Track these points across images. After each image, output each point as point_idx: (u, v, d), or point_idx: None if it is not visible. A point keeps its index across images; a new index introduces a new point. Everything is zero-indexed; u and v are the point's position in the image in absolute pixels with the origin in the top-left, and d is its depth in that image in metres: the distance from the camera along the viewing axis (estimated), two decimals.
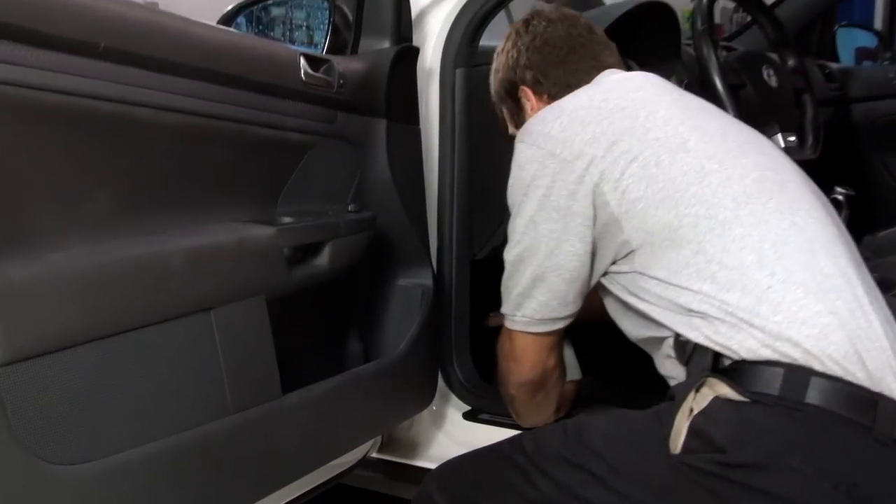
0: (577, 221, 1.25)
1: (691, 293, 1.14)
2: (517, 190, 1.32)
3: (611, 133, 1.24)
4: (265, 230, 1.26)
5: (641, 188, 1.19)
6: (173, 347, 1.11)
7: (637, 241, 1.20)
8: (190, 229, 1.19)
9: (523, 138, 1.33)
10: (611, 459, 1.13)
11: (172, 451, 1.11)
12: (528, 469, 1.20)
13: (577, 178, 1.24)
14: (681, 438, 1.08)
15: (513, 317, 1.36)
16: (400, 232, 1.62)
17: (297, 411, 1.31)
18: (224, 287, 1.19)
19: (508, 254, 1.34)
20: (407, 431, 1.88)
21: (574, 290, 1.30)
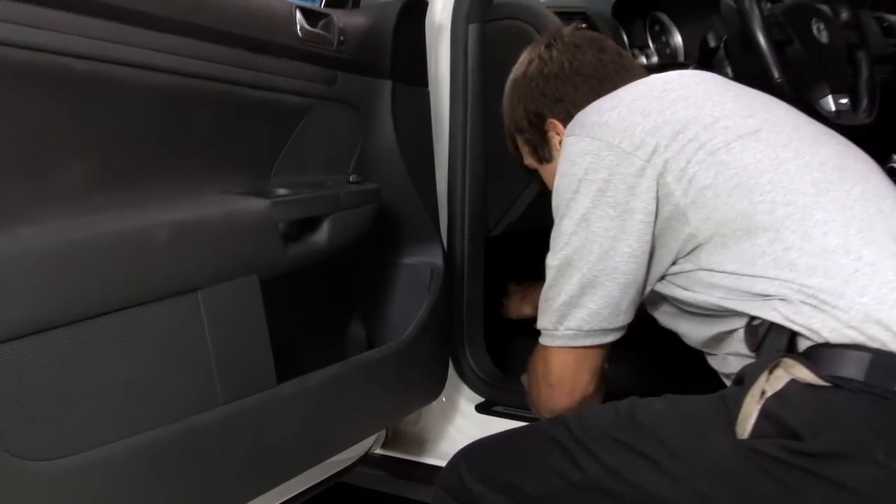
0: (635, 219, 1.26)
1: (767, 280, 1.16)
2: (566, 187, 1.31)
3: (675, 122, 1.26)
4: (258, 203, 1.26)
5: (710, 175, 1.21)
6: (157, 332, 1.11)
7: (705, 234, 1.22)
8: (174, 202, 1.18)
9: (574, 131, 1.33)
10: (668, 442, 1.13)
11: (156, 445, 1.11)
12: (573, 448, 1.19)
13: (637, 171, 1.25)
14: (750, 422, 1.08)
15: (553, 332, 1.34)
16: (406, 205, 1.62)
17: (293, 402, 1.31)
18: (213, 265, 1.18)
19: (553, 258, 1.33)
20: (414, 425, 1.88)
21: (628, 297, 1.30)
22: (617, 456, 1.16)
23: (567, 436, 1.21)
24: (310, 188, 1.39)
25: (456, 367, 1.83)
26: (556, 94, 1.50)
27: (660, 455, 1.12)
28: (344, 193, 1.40)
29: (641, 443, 1.14)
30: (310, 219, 1.35)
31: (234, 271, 1.21)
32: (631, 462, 1.14)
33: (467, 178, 1.79)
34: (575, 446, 1.20)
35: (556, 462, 1.20)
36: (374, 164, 1.55)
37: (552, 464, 1.21)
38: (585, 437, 1.19)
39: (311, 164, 1.45)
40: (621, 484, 1.14)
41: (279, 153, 1.40)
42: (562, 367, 1.34)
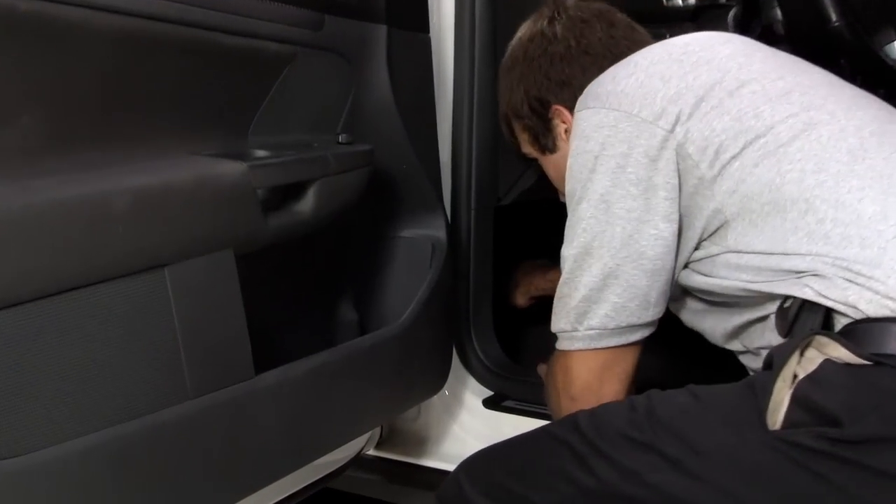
0: (659, 196, 1.27)
1: (800, 256, 1.18)
2: (582, 167, 1.32)
3: (697, 87, 1.28)
4: (233, 166, 1.25)
5: (738, 144, 1.24)
6: (117, 315, 1.11)
7: (732, 209, 1.24)
8: (137, 165, 1.18)
9: (587, 103, 1.35)
10: (690, 438, 1.14)
11: (117, 445, 1.11)
12: (584, 452, 1.21)
13: (659, 142, 1.27)
14: (782, 410, 1.09)
15: (572, 333, 1.35)
16: (404, 169, 1.62)
17: (273, 396, 1.31)
18: (181, 238, 1.18)
19: (568, 249, 1.34)
20: (412, 423, 1.89)
21: (657, 286, 1.31)
22: (633, 457, 1.16)
23: (578, 438, 1.22)
24: (293, 149, 1.38)
25: (461, 356, 1.83)
26: (561, 77, 1.52)
27: (681, 453, 1.13)
28: (332, 156, 1.40)
29: (660, 441, 1.15)
30: (293, 185, 1.35)
31: (205, 245, 1.20)
32: (649, 463, 1.15)
33: (474, 139, 1.80)
34: (587, 449, 1.21)
35: (567, 467, 1.22)
36: (367, 121, 1.55)
37: (562, 470, 1.22)
38: (598, 439, 1.20)
39: (295, 122, 1.45)
40: (639, 487, 1.15)
41: (257, 109, 1.39)
42: (586, 375, 1.35)
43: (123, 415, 1.11)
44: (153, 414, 1.14)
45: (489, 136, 1.80)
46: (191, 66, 1.27)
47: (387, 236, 1.68)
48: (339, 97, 1.53)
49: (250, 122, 1.39)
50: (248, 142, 1.39)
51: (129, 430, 1.12)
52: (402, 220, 1.67)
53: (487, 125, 1.79)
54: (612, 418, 1.22)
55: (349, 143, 1.46)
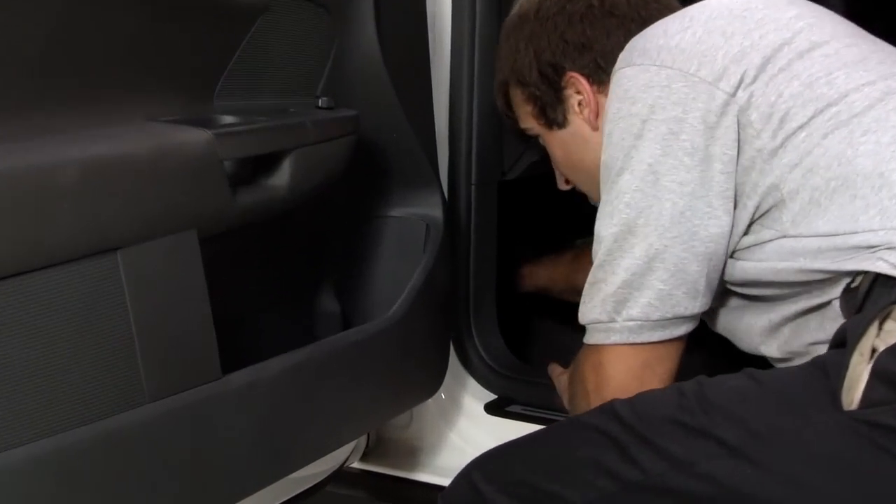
0: (715, 168, 1.29)
1: (872, 232, 1.19)
2: (625, 132, 1.33)
3: (764, 47, 1.30)
4: (196, 134, 1.25)
5: (808, 113, 1.25)
6: (61, 306, 1.10)
7: (790, 185, 1.25)
8: (85, 132, 1.17)
9: (632, 59, 1.36)
10: (751, 421, 1.14)
11: (61, 456, 1.11)
12: (626, 441, 1.20)
13: (720, 106, 1.28)
14: (859, 388, 1.09)
15: (608, 325, 1.35)
16: (395, 139, 1.62)
17: (243, 400, 1.31)
18: (137, 217, 1.18)
19: (606, 226, 1.34)
20: (403, 431, 1.90)
21: (707, 273, 1.31)
22: (684, 444, 1.16)
23: (618, 426, 1.21)
24: (265, 115, 1.38)
25: (459, 354, 1.84)
26: (581, 40, 1.53)
27: (741, 438, 1.13)
28: (311, 122, 1.40)
29: (716, 426, 1.15)
30: (265, 156, 1.35)
31: (165, 225, 1.20)
32: (703, 450, 1.15)
33: (475, 104, 1.80)
34: (629, 438, 1.20)
35: (606, 460, 1.21)
36: (351, 83, 1.54)
37: (600, 462, 1.21)
38: (642, 426, 1.20)
39: (268, 84, 1.45)
40: (692, 478, 1.15)
41: (224, 69, 1.39)
42: (623, 375, 1.35)
43: (70, 421, 1.11)
44: (104, 420, 1.14)
45: (492, 100, 1.79)
46: (147, 17, 1.26)
47: (374, 216, 1.68)
48: (319, 55, 1.52)
49: (216, 83, 1.38)
50: (214, 106, 1.38)
51: (77, 438, 1.11)
52: (391, 197, 1.67)
53: (490, 88, 1.78)
54: (657, 403, 1.22)
55: (330, 107, 1.46)
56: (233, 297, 1.31)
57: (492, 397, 1.85)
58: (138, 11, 1.24)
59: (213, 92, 1.38)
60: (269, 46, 1.42)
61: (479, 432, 1.83)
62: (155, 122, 1.27)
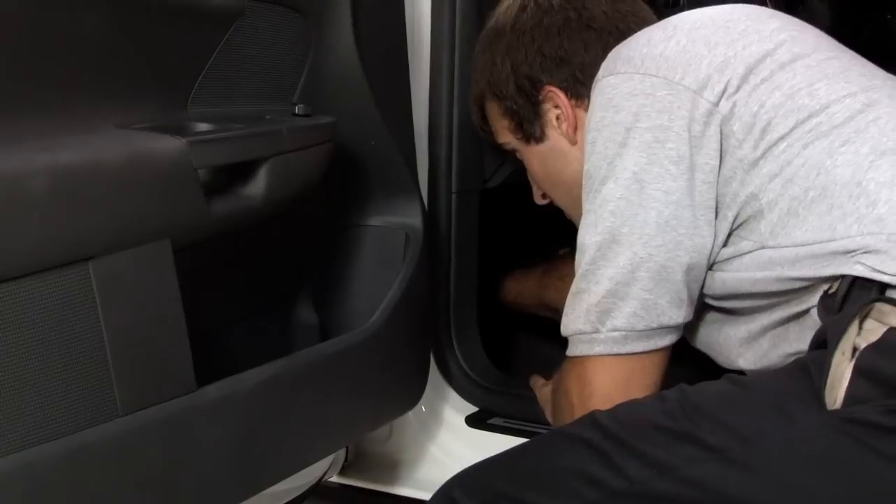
0: (699, 178, 1.30)
1: (849, 238, 1.21)
2: (609, 140, 1.34)
3: (747, 57, 1.32)
4: (170, 142, 1.24)
5: (789, 124, 1.27)
6: (31, 318, 1.10)
7: (769, 195, 1.26)
8: (55, 140, 1.16)
9: (615, 68, 1.38)
10: (736, 425, 1.15)
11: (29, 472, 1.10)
12: (609, 448, 1.20)
13: (703, 115, 1.30)
14: (842, 386, 1.10)
15: (592, 335, 1.35)
16: (373, 146, 1.61)
17: (218, 413, 1.31)
18: (108, 227, 1.17)
19: (590, 235, 1.35)
20: (382, 444, 1.89)
21: (690, 283, 1.32)
22: (668, 449, 1.17)
23: (599, 435, 1.22)
24: (241, 122, 1.38)
25: (439, 366, 1.84)
26: (559, 54, 1.54)
27: (727, 442, 1.14)
28: (287, 130, 1.39)
29: (700, 429, 1.16)
30: (241, 164, 1.34)
31: (137, 235, 1.20)
32: (688, 455, 1.15)
33: (455, 111, 1.80)
34: (612, 445, 1.20)
35: (589, 469, 1.21)
36: (328, 90, 1.55)
37: (582, 471, 1.21)
38: (624, 433, 1.20)
39: (243, 90, 1.45)
40: (677, 484, 1.15)
41: (198, 75, 1.39)
42: (609, 387, 1.35)
43: (39, 436, 1.10)
44: (75, 434, 1.13)
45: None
46: (120, 21, 1.25)
47: (353, 225, 1.68)
48: (296, 60, 1.52)
49: (190, 89, 1.38)
50: (188, 113, 1.38)
51: (46, 453, 1.11)
52: (370, 205, 1.67)
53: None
54: (638, 411, 1.23)
55: (307, 114, 1.46)
56: (208, 308, 1.31)
57: (473, 410, 1.85)
58: (109, 16, 1.24)
59: (187, 98, 1.38)
60: (244, 52, 1.42)
61: (461, 445, 1.83)
62: (128, 129, 1.26)
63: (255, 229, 1.40)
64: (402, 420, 1.84)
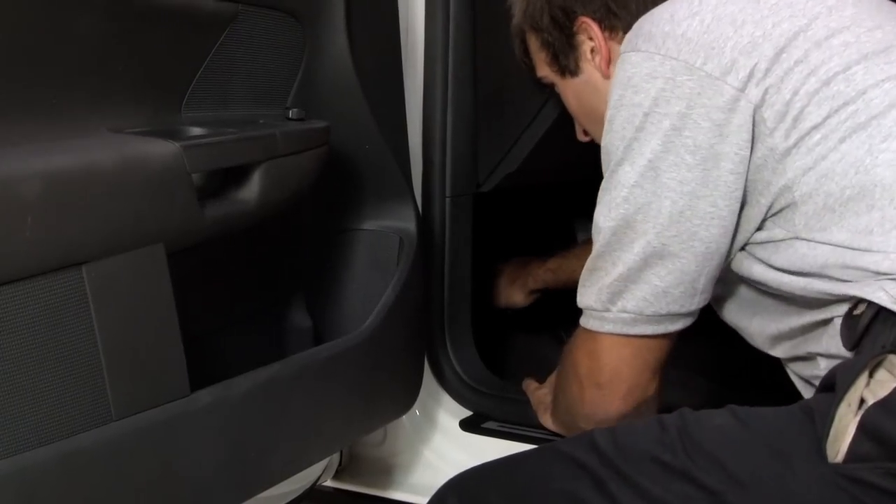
0: (723, 168, 1.26)
1: (883, 254, 1.17)
2: (626, 122, 1.32)
3: (777, 37, 1.26)
4: (164, 146, 1.24)
5: (823, 112, 1.22)
6: (24, 322, 1.10)
7: (803, 188, 1.23)
8: (49, 144, 1.16)
9: (637, 44, 1.34)
10: (733, 467, 1.13)
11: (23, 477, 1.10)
12: (603, 475, 1.20)
13: (728, 102, 1.25)
14: (845, 441, 1.08)
15: (602, 314, 1.36)
16: (367, 150, 1.61)
17: (212, 417, 1.31)
18: (102, 231, 1.17)
19: (605, 217, 1.34)
20: (376, 448, 1.89)
21: (707, 271, 1.31)
22: (664, 485, 1.15)
23: (596, 459, 1.21)
24: (234, 127, 1.38)
25: (433, 370, 1.84)
26: None
27: (722, 484, 1.12)
28: (281, 134, 1.39)
29: (697, 468, 1.14)
30: (234, 168, 1.34)
31: (131, 239, 1.20)
32: (682, 492, 1.14)
33: (449, 114, 1.80)
34: (607, 473, 1.19)
35: (582, 493, 1.20)
36: (322, 94, 1.54)
37: (575, 496, 1.21)
38: (621, 461, 1.19)
39: (237, 95, 1.45)
40: None
41: (192, 79, 1.39)
42: (616, 362, 1.36)
43: (32, 440, 1.10)
44: (69, 439, 1.13)
45: (467, 110, 1.79)
46: (113, 25, 1.26)
47: (346, 229, 1.67)
48: (289, 65, 1.52)
49: (184, 93, 1.38)
50: (182, 118, 1.38)
51: (40, 458, 1.11)
52: (364, 209, 1.67)
53: (464, 98, 1.79)
54: (638, 438, 1.21)
55: (301, 119, 1.46)
56: (202, 313, 1.31)
57: (467, 414, 1.85)
58: (103, 20, 1.24)
59: (180, 103, 1.38)
60: (238, 56, 1.42)
61: (455, 449, 1.83)
62: (121, 133, 1.26)
63: (248, 233, 1.40)
64: (396, 424, 1.83)
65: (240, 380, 1.35)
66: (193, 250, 1.29)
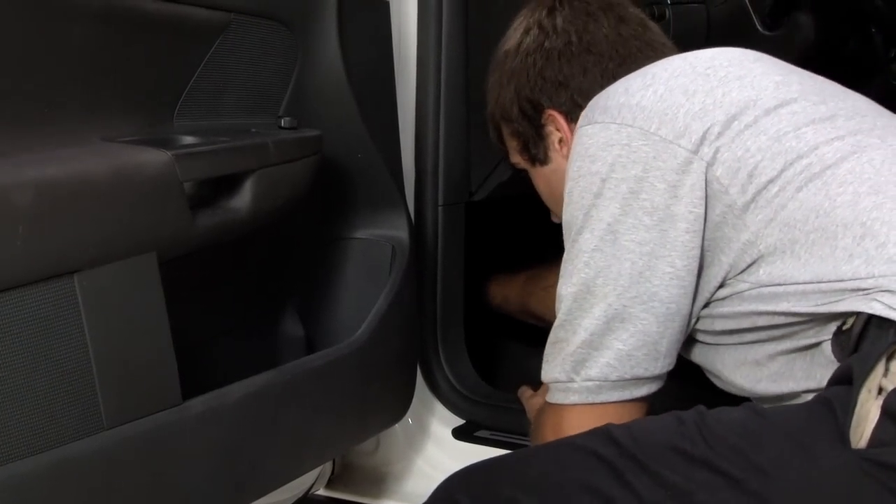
0: (679, 228, 1.28)
1: (859, 280, 1.18)
2: (585, 191, 1.33)
3: (728, 105, 1.30)
4: (156, 155, 1.24)
5: (777, 166, 1.25)
6: (16, 331, 1.10)
7: (768, 241, 1.24)
8: (41, 153, 1.17)
9: (594, 117, 1.36)
10: (754, 455, 1.12)
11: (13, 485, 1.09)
12: (622, 465, 1.18)
13: (681, 164, 1.28)
14: (868, 426, 1.08)
15: (567, 385, 1.35)
16: (359, 159, 1.61)
17: (204, 426, 1.31)
18: (94, 240, 1.17)
19: (566, 286, 1.35)
20: (369, 457, 1.89)
21: (670, 333, 1.31)
22: (685, 474, 1.15)
23: (614, 450, 1.20)
24: (226, 135, 1.38)
25: (426, 378, 1.84)
26: (558, 78, 1.54)
27: (744, 471, 1.12)
28: (273, 143, 1.40)
29: (718, 457, 1.13)
30: (226, 177, 1.34)
31: (123, 248, 1.20)
32: (704, 480, 1.13)
33: (441, 123, 1.80)
34: (626, 463, 1.18)
35: (599, 484, 1.19)
36: (314, 102, 1.55)
37: (592, 486, 1.20)
38: (640, 451, 1.18)
39: (229, 103, 1.45)
40: None
41: (184, 88, 1.39)
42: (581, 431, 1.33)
43: (23, 449, 1.10)
44: (60, 448, 1.13)
45: (459, 119, 1.80)
46: (105, 35, 1.26)
47: (339, 237, 1.67)
48: (282, 73, 1.52)
49: (176, 102, 1.39)
50: (174, 126, 1.38)
51: (31, 467, 1.10)
52: (356, 218, 1.67)
53: (457, 107, 1.79)
54: (655, 430, 1.21)
55: (293, 127, 1.46)
56: (194, 321, 1.31)
57: (460, 422, 1.85)
58: (97, 29, 1.24)
59: (172, 111, 1.39)
60: (230, 65, 1.42)
61: (447, 458, 1.82)
62: (113, 142, 1.26)
63: (240, 242, 1.40)
64: (388, 433, 1.83)
65: (232, 388, 1.35)
66: (185, 259, 1.29)
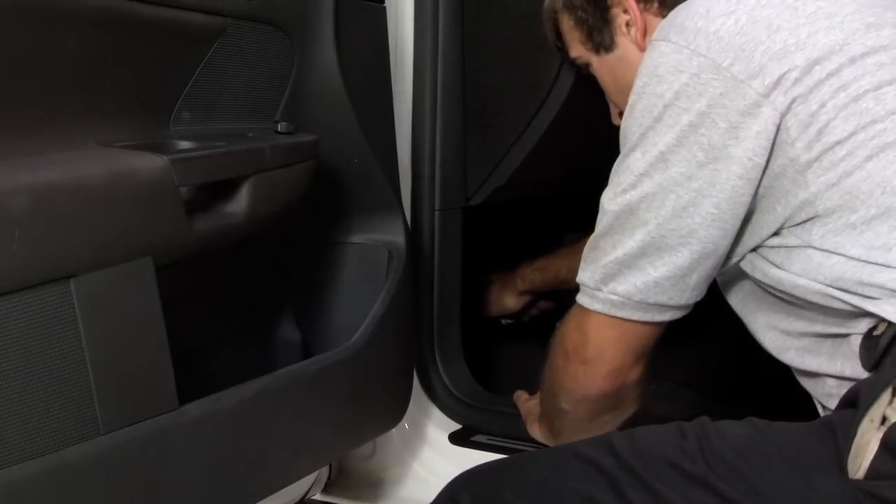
0: (732, 171, 1.25)
1: None
2: (645, 109, 1.31)
3: (811, 47, 1.24)
4: (152, 160, 1.24)
5: (849, 128, 1.21)
6: (12, 336, 1.09)
7: (827, 204, 1.22)
8: (37, 157, 1.16)
9: (668, 35, 1.32)
10: (753, 478, 1.12)
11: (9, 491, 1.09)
12: (621, 478, 1.19)
13: (748, 107, 1.24)
14: (867, 456, 1.08)
15: (595, 291, 1.36)
16: (356, 164, 1.62)
17: (200, 431, 1.31)
18: (90, 245, 1.17)
19: (610, 200, 1.34)
20: (365, 462, 1.89)
21: (701, 270, 1.31)
22: (682, 492, 1.15)
23: (613, 461, 1.21)
24: (223, 140, 1.38)
25: (423, 383, 1.84)
26: None
27: (742, 494, 1.12)
28: (270, 147, 1.40)
29: (716, 476, 1.14)
30: (223, 182, 1.34)
31: (119, 253, 1.20)
32: (700, 499, 1.14)
33: (438, 129, 1.80)
34: (624, 476, 1.19)
35: (597, 495, 1.20)
36: (311, 107, 1.55)
37: (591, 497, 1.20)
38: (639, 465, 1.19)
39: (225, 108, 1.45)
40: None
41: (181, 92, 1.39)
42: (602, 339, 1.37)
43: (19, 454, 1.10)
44: (56, 453, 1.13)
45: (456, 124, 1.80)
46: (102, 39, 1.26)
47: (335, 242, 1.67)
48: (278, 78, 1.53)
49: (172, 107, 1.39)
50: (170, 131, 1.38)
51: (27, 472, 1.10)
52: (353, 223, 1.67)
53: (453, 111, 1.79)
54: (657, 443, 1.21)
55: (290, 132, 1.46)
56: (190, 326, 1.30)
57: (456, 427, 1.85)
58: (94, 34, 1.24)
59: (169, 116, 1.38)
60: (226, 70, 1.42)
61: (444, 463, 1.82)
62: (110, 147, 1.26)
63: (237, 247, 1.40)
64: (385, 437, 1.83)
65: (228, 393, 1.35)
66: (182, 264, 1.29)
